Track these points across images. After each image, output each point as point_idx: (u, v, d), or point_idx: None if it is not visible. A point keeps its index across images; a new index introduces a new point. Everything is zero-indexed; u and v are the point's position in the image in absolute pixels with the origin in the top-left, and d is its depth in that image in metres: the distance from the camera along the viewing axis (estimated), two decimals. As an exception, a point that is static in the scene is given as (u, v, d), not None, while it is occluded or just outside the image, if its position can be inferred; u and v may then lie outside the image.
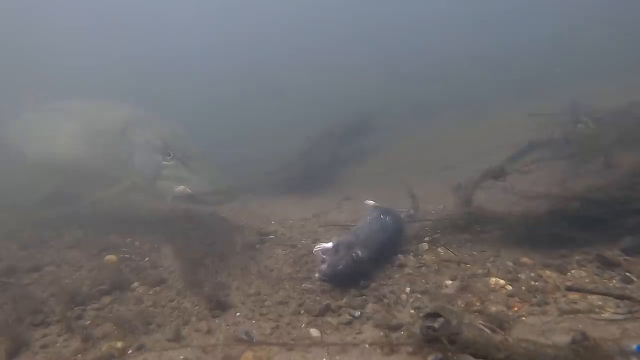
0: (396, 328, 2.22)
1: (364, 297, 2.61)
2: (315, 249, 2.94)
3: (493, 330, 1.95)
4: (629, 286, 2.37)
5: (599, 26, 13.55)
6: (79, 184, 4.89)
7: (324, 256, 2.80)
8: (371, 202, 3.51)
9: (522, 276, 2.63)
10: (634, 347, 1.63)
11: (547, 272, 2.63)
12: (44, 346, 2.32)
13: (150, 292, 2.90)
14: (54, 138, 4.97)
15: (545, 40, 14.50)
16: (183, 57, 18.73)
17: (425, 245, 3.23)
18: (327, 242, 2.92)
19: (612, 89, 7.06)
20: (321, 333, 2.27)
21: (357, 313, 2.44)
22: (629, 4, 14.28)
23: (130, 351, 2.23)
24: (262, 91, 13.64)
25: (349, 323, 2.36)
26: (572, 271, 2.61)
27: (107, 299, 2.80)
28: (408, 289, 2.66)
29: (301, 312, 2.52)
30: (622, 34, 11.62)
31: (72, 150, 4.74)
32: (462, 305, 2.35)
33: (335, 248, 2.79)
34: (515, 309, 2.30)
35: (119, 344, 2.26)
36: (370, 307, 2.48)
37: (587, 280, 2.50)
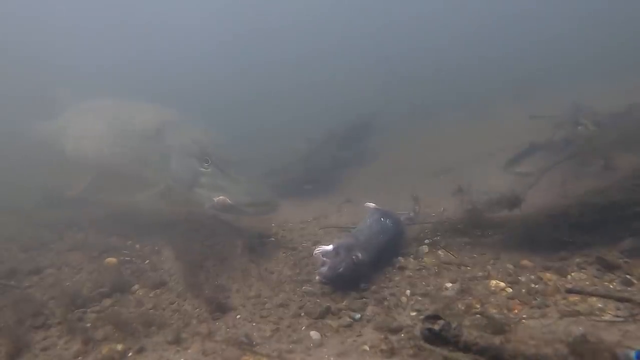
0: (396, 330, 2.22)
1: (364, 299, 2.61)
2: (315, 252, 2.93)
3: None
4: (629, 288, 2.37)
5: (599, 27, 13.57)
6: (110, 184, 4.81)
7: (324, 258, 2.80)
8: (372, 205, 3.50)
9: (523, 279, 2.63)
10: (633, 354, 1.62)
11: (548, 274, 2.63)
12: (44, 348, 2.33)
13: (151, 295, 2.91)
14: (87, 137, 4.92)
15: (545, 40, 14.51)
16: (182, 59, 18.76)
17: (425, 248, 3.23)
18: (327, 245, 2.90)
19: (612, 90, 7.06)
20: (321, 335, 2.27)
21: (358, 315, 2.44)
22: (628, 4, 14.30)
23: (130, 354, 2.23)
24: (260, 92, 13.65)
25: (349, 325, 2.36)
26: (572, 273, 2.61)
27: (107, 302, 2.81)
28: (408, 291, 2.66)
29: (301, 314, 2.52)
30: (622, 35, 11.63)
31: (103, 150, 4.68)
32: (463, 308, 2.35)
33: (336, 250, 2.79)
34: (516, 311, 2.30)
35: (120, 347, 2.26)
36: (370, 310, 2.48)
37: (587, 283, 2.49)
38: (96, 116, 5.07)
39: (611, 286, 2.43)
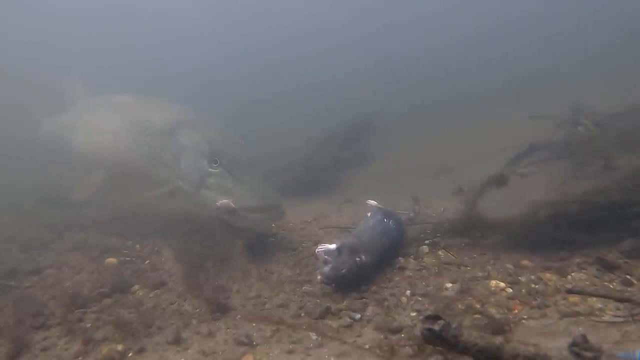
0: (396, 330, 2.22)
1: (364, 299, 2.61)
2: (317, 250, 2.89)
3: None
4: (629, 289, 2.37)
5: (599, 26, 13.58)
6: (121, 182, 4.70)
7: (326, 257, 2.78)
8: (373, 202, 3.48)
9: (523, 279, 2.63)
10: (638, 353, 1.61)
11: (548, 274, 2.63)
12: (44, 349, 2.33)
13: (151, 295, 2.91)
14: (100, 132, 4.81)
15: (545, 40, 14.52)
16: (182, 59, 18.77)
17: (425, 248, 3.23)
18: (330, 244, 2.86)
19: (612, 90, 7.07)
20: (321, 336, 2.27)
21: (358, 316, 2.44)
22: (628, 4, 14.31)
23: (130, 354, 2.23)
24: (260, 93, 13.66)
25: (349, 326, 2.36)
26: (573, 274, 2.61)
27: (107, 302, 2.80)
28: (408, 291, 2.66)
29: (301, 314, 2.52)
30: (622, 35, 11.64)
31: (116, 146, 4.56)
32: (463, 308, 2.35)
33: (339, 250, 2.76)
34: (516, 311, 2.30)
35: (120, 347, 2.26)
36: (370, 310, 2.48)
37: (587, 283, 2.50)
38: (112, 111, 4.94)
39: (611, 286, 2.43)
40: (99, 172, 4.68)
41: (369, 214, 3.34)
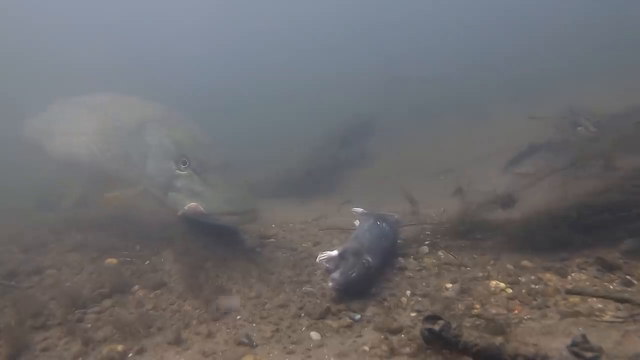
0: (396, 331, 2.22)
1: (364, 300, 2.61)
2: (319, 258, 2.89)
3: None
4: (629, 289, 2.37)
5: (597, 26, 13.60)
6: (98, 184, 4.65)
7: (328, 265, 2.77)
8: (359, 209, 3.48)
9: (523, 279, 2.64)
10: None
11: (548, 275, 2.64)
12: (44, 349, 2.32)
13: (151, 296, 2.90)
14: (73, 134, 4.71)
15: (544, 40, 14.54)
16: (179, 59, 18.76)
17: (425, 249, 3.23)
18: (331, 251, 2.87)
19: (611, 90, 7.06)
20: (321, 336, 2.27)
21: (358, 316, 2.44)
22: (627, 4, 14.33)
23: (130, 354, 2.23)
24: (260, 94, 13.65)
25: (349, 326, 2.36)
26: (573, 274, 2.61)
27: (107, 302, 2.80)
28: (408, 292, 2.66)
29: (302, 315, 2.53)
30: (621, 34, 11.64)
31: (89, 148, 4.46)
32: (463, 308, 2.35)
33: (341, 255, 2.75)
34: (516, 311, 2.30)
35: (120, 347, 2.26)
36: (370, 310, 2.48)
37: (587, 284, 2.50)
38: (86, 113, 4.83)
39: (611, 287, 2.43)
40: (79, 179, 4.63)
41: (356, 222, 3.34)
